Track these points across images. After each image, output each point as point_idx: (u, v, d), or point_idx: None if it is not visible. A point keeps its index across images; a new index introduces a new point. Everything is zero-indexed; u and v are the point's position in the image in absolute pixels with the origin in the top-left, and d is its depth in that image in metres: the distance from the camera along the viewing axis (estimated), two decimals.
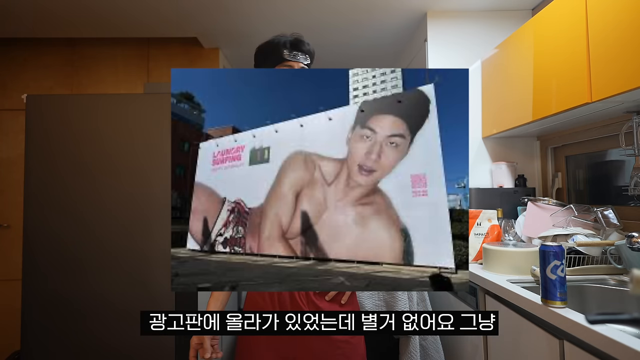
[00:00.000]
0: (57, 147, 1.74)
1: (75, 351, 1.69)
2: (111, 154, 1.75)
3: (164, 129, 1.75)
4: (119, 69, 2.70)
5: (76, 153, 1.75)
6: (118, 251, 1.72)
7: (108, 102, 1.78)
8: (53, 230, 1.72)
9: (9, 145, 2.60)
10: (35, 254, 1.71)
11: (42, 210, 1.72)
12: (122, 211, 1.73)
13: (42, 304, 1.70)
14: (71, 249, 1.71)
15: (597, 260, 1.37)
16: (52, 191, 1.73)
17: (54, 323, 1.70)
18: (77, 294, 1.71)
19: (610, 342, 0.81)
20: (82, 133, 1.75)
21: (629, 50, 1.15)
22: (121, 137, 1.75)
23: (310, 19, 2.36)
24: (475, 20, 2.22)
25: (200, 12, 2.25)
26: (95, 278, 1.71)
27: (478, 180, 2.13)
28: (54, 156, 1.74)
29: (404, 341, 1.64)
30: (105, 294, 1.71)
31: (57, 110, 1.76)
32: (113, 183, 1.74)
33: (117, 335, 1.70)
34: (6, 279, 2.52)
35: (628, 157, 1.57)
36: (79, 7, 2.19)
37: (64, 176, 1.74)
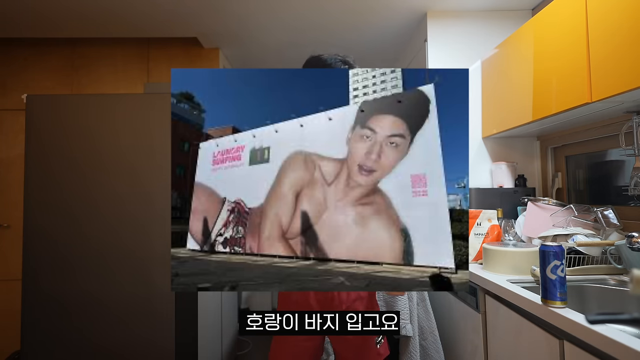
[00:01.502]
0: (57, 147, 1.74)
1: (75, 351, 1.69)
2: (111, 154, 1.75)
3: (164, 129, 1.75)
4: (119, 69, 2.70)
5: (76, 153, 1.75)
6: (118, 251, 1.72)
7: (108, 102, 1.78)
8: (53, 230, 1.72)
9: (8, 145, 2.60)
10: (35, 254, 1.71)
11: (42, 210, 1.72)
12: (122, 211, 1.73)
13: (42, 304, 1.70)
14: (71, 249, 1.71)
15: (597, 260, 1.37)
16: (51, 191, 1.73)
17: (54, 323, 1.70)
18: (77, 294, 1.71)
19: (610, 342, 0.81)
20: (82, 133, 1.75)
21: (629, 50, 1.15)
22: (121, 137, 1.75)
23: (310, 19, 2.36)
24: (475, 20, 2.22)
25: (200, 12, 2.25)
26: (95, 278, 1.71)
27: (478, 180, 2.13)
28: (54, 156, 1.74)
29: (403, 341, 1.64)
30: (106, 294, 1.71)
31: (57, 110, 1.76)
32: (113, 183, 1.74)
33: (117, 335, 1.70)
34: (6, 279, 2.52)
35: (628, 157, 1.57)
36: (79, 7, 2.19)
37: (63, 176, 1.74)
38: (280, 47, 2.75)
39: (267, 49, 2.78)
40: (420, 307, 1.72)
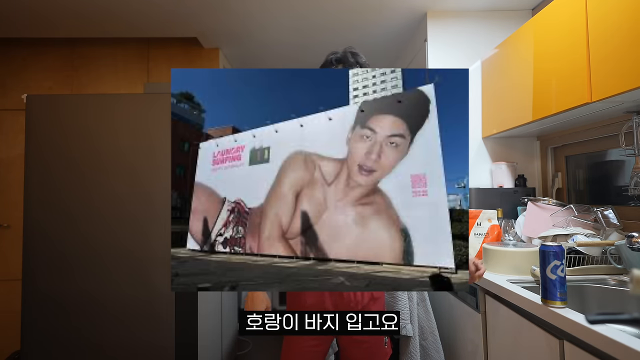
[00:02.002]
0: (57, 147, 1.74)
1: (75, 351, 1.70)
2: (111, 154, 1.75)
3: (164, 129, 1.75)
4: (119, 69, 2.70)
5: (76, 153, 1.75)
6: (118, 251, 1.72)
7: (108, 102, 1.78)
8: (53, 230, 1.72)
9: (8, 145, 2.60)
10: (35, 254, 1.71)
11: (42, 210, 1.72)
12: (122, 211, 1.73)
13: (41, 304, 1.70)
14: (71, 249, 1.71)
15: (597, 260, 1.37)
16: (51, 191, 1.73)
17: (54, 323, 1.70)
18: (77, 294, 1.71)
19: (610, 342, 0.81)
20: (82, 133, 1.75)
21: (629, 50, 1.15)
22: (121, 137, 1.75)
23: (310, 19, 2.36)
24: (475, 20, 2.22)
25: (200, 12, 2.25)
26: (95, 278, 1.71)
27: (478, 180, 2.13)
28: (54, 156, 1.74)
29: (404, 341, 1.64)
30: (106, 294, 1.71)
31: (57, 110, 1.76)
32: (112, 183, 1.74)
33: (117, 335, 1.70)
34: (6, 279, 2.51)
35: (628, 157, 1.57)
36: (79, 7, 2.19)
37: (63, 176, 1.74)
38: (281, 46, 2.75)
39: (267, 48, 2.78)
40: (421, 307, 1.72)
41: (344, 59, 1.31)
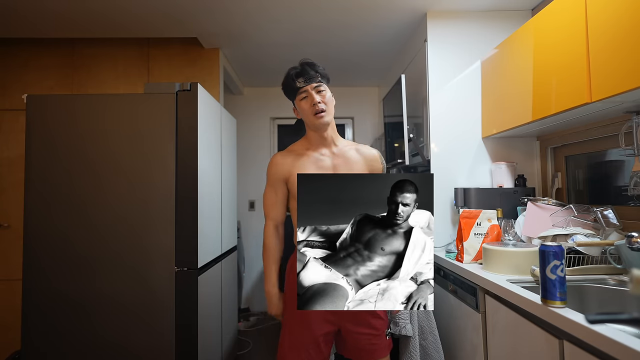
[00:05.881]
0: (58, 147, 1.75)
1: (76, 350, 1.70)
2: (111, 154, 1.75)
3: (164, 128, 1.75)
4: (119, 69, 2.70)
5: (76, 153, 1.75)
6: (118, 250, 1.72)
7: (108, 102, 1.78)
8: (53, 229, 1.72)
9: (9, 145, 2.60)
10: (36, 253, 1.71)
11: (43, 210, 1.72)
12: (122, 210, 1.73)
13: (42, 304, 1.71)
14: (71, 249, 1.72)
15: (597, 260, 1.37)
16: (52, 191, 1.73)
17: (55, 322, 1.70)
18: (78, 293, 1.71)
19: (610, 342, 0.81)
20: (83, 133, 1.75)
21: (628, 50, 1.16)
22: (121, 137, 1.75)
23: (310, 19, 2.36)
24: (475, 20, 2.22)
25: (200, 12, 2.25)
26: (96, 277, 1.71)
27: (478, 180, 2.13)
28: (55, 156, 1.74)
29: (404, 341, 1.65)
30: (106, 292, 1.71)
31: (58, 110, 1.76)
32: (113, 183, 1.74)
33: (118, 335, 1.70)
34: (6, 279, 2.51)
35: (628, 157, 1.57)
36: (79, 7, 2.19)
37: (64, 176, 1.74)
38: (281, 46, 2.75)
39: (268, 48, 2.78)
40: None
41: (303, 72, 1.34)
